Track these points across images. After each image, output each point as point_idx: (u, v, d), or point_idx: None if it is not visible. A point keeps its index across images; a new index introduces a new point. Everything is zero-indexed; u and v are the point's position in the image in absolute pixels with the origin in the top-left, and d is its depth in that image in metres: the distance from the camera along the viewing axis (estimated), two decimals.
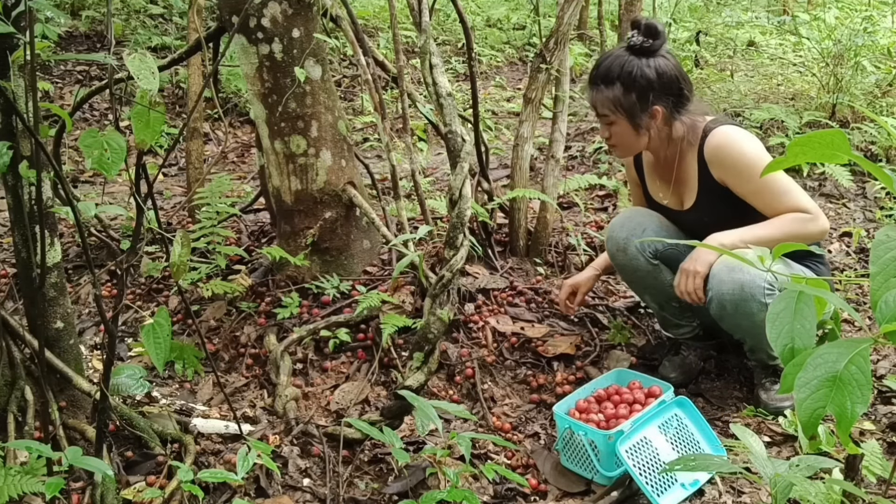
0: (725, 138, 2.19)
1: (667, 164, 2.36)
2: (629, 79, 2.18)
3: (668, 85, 2.20)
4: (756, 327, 2.16)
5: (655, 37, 2.19)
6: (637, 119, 2.22)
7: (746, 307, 2.09)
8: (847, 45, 4.67)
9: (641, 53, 2.19)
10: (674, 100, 2.22)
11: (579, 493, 2.06)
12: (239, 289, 2.74)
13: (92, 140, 1.47)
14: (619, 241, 2.36)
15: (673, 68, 2.21)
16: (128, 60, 1.43)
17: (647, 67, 2.18)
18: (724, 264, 2.12)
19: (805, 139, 0.96)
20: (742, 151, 2.16)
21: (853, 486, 1.36)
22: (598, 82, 2.24)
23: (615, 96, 2.21)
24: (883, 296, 0.93)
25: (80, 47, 5.54)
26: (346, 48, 5.68)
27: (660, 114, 2.22)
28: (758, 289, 2.08)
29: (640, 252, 2.33)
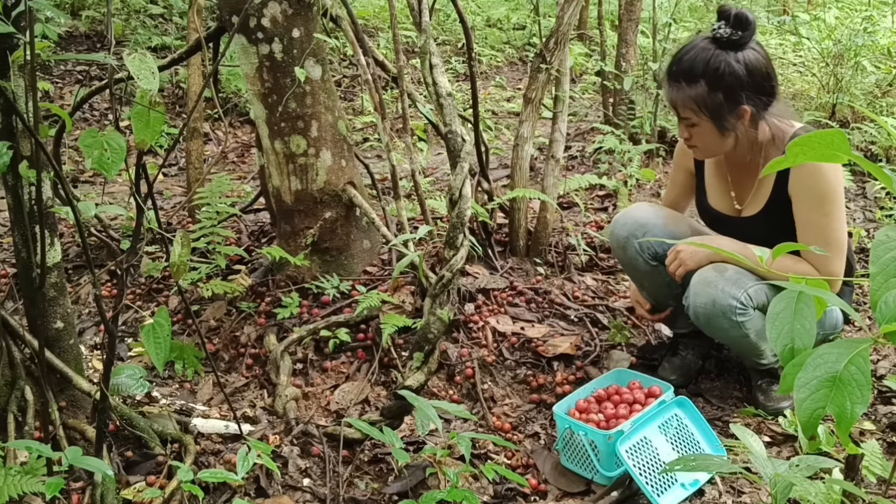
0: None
1: (744, 167, 2.18)
2: (716, 75, 1.97)
3: (759, 82, 2.00)
4: (732, 341, 2.19)
5: (745, 28, 1.98)
6: (723, 120, 2.02)
7: (717, 322, 2.10)
8: (847, 45, 4.67)
9: (729, 46, 1.98)
10: (764, 98, 2.02)
11: (579, 493, 2.06)
12: (239, 289, 2.74)
13: (92, 140, 1.47)
14: (620, 239, 2.35)
15: (764, 62, 2.00)
16: (128, 60, 1.43)
17: (735, 63, 1.97)
18: (702, 277, 2.10)
19: (805, 139, 0.96)
20: (826, 177, 1.99)
21: (853, 486, 1.36)
22: (679, 79, 2.03)
23: (699, 95, 2.00)
24: (883, 296, 0.93)
25: (80, 47, 5.54)
26: (346, 48, 5.68)
27: (748, 114, 2.02)
28: (728, 308, 2.05)
29: (639, 253, 2.33)
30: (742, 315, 2.07)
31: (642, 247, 2.32)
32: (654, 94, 4.46)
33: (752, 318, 2.09)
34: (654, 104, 4.48)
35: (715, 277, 2.09)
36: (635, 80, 4.56)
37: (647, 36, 5.49)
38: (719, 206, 2.28)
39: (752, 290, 2.08)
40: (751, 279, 2.09)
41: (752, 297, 2.07)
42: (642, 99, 4.61)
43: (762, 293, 2.10)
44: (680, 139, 2.27)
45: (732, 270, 2.09)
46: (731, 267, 2.10)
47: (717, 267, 2.11)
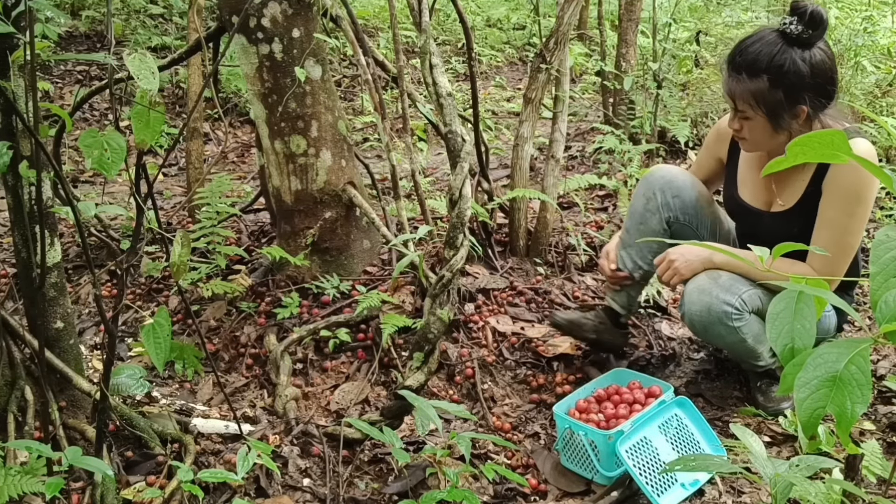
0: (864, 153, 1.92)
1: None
2: (779, 73, 1.91)
3: (821, 84, 1.94)
4: (730, 346, 2.18)
5: (818, 27, 1.91)
6: (779, 118, 1.97)
7: (714, 329, 2.10)
8: (847, 45, 4.67)
9: (797, 44, 1.92)
10: (823, 100, 1.98)
11: (579, 493, 2.06)
12: (239, 289, 2.74)
13: (92, 140, 1.47)
14: (651, 191, 2.27)
15: (830, 64, 1.94)
16: (128, 60, 1.43)
17: (801, 61, 1.91)
18: (696, 284, 2.09)
19: (805, 139, 0.96)
20: (863, 180, 1.95)
21: (853, 486, 1.36)
22: (740, 70, 1.96)
23: (759, 90, 1.94)
24: (883, 296, 0.93)
25: (80, 47, 5.54)
26: (346, 48, 5.68)
27: (804, 114, 1.97)
28: (724, 314, 2.06)
29: (659, 211, 2.26)
30: (738, 320, 2.08)
31: (664, 207, 2.25)
32: (654, 94, 4.46)
33: (748, 322, 2.10)
34: (654, 104, 4.48)
35: (709, 284, 2.08)
36: (635, 80, 4.56)
37: (647, 36, 5.49)
38: (750, 200, 2.23)
39: (745, 296, 2.08)
40: (745, 284, 2.09)
41: (746, 303, 2.08)
42: (642, 99, 4.61)
43: (756, 298, 2.10)
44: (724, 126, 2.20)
45: (726, 277, 2.10)
46: (724, 273, 2.10)
47: (710, 274, 2.11)
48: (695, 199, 2.29)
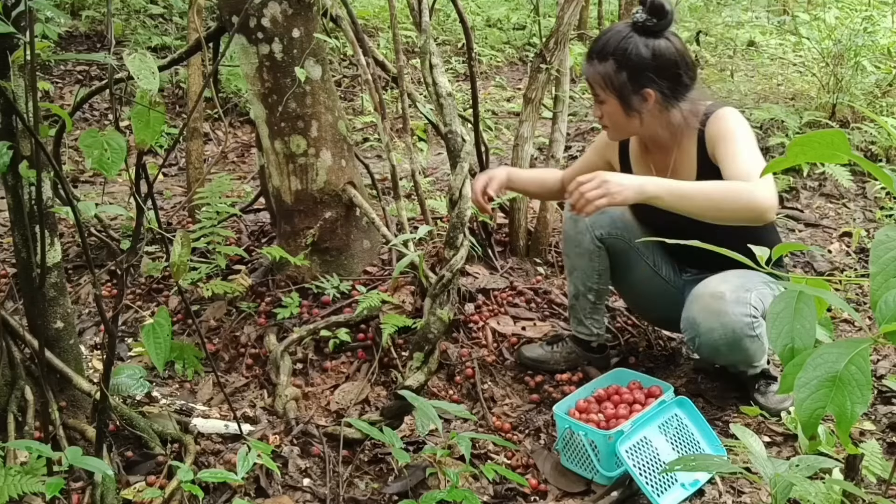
0: (723, 112, 2.10)
1: (662, 149, 2.23)
2: (623, 56, 2.06)
3: (664, 68, 2.07)
4: (750, 358, 2.17)
5: (661, 16, 2.06)
6: (627, 100, 2.10)
7: (739, 345, 2.09)
8: (847, 45, 4.67)
9: (644, 32, 2.07)
10: (669, 85, 2.09)
11: (579, 493, 2.06)
12: (239, 289, 2.74)
13: (92, 140, 1.47)
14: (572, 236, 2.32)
15: (674, 52, 2.08)
16: (128, 60, 1.43)
17: (644, 47, 2.06)
18: (711, 310, 2.06)
19: (805, 139, 0.96)
20: (735, 123, 2.08)
21: (853, 486, 1.36)
22: (592, 56, 2.13)
23: (606, 73, 2.09)
24: (883, 296, 0.93)
25: (80, 47, 5.54)
26: (346, 48, 5.68)
27: (652, 98, 2.10)
28: (746, 327, 2.06)
29: (590, 231, 2.28)
30: (758, 327, 2.08)
31: (593, 226, 2.28)
32: None
33: (763, 325, 2.09)
34: None
35: (717, 304, 2.05)
36: None
37: None
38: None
39: (754, 300, 2.08)
40: (743, 290, 2.07)
41: (757, 307, 2.08)
42: None
43: (759, 300, 2.10)
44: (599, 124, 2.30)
45: (727, 290, 2.07)
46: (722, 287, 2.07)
47: (711, 293, 2.07)
48: (620, 212, 2.31)
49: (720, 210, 1.92)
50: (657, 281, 2.38)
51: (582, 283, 2.38)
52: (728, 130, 2.07)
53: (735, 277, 2.12)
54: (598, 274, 2.34)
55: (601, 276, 2.35)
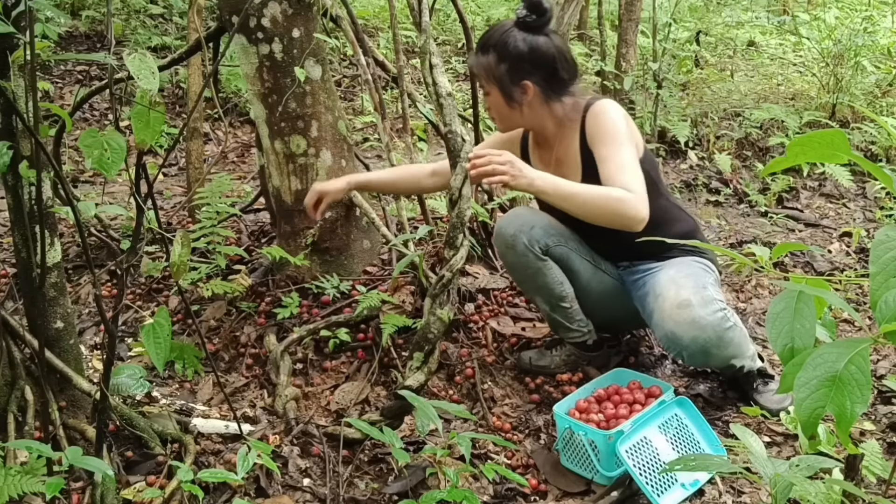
0: (601, 106, 2.19)
1: (545, 143, 2.34)
2: (503, 49, 2.17)
3: (542, 62, 2.18)
4: (738, 349, 2.18)
5: (539, 13, 2.17)
6: (508, 91, 2.20)
7: (724, 340, 2.11)
8: (847, 45, 4.68)
9: (525, 28, 2.17)
10: (547, 78, 2.20)
11: (579, 493, 2.06)
12: (239, 289, 2.73)
13: (92, 140, 1.47)
14: (507, 237, 2.30)
15: (551, 48, 2.18)
16: (128, 60, 1.43)
17: (522, 41, 2.16)
18: (684, 322, 2.08)
19: (805, 139, 0.96)
20: (613, 118, 2.17)
21: (853, 486, 1.36)
22: (478, 49, 2.24)
23: (488, 64, 2.20)
24: (883, 296, 0.93)
25: (80, 47, 5.54)
26: (346, 48, 5.68)
27: (530, 90, 2.19)
28: (722, 321, 2.10)
29: (529, 249, 2.28)
30: (731, 316, 2.13)
31: (531, 242, 2.28)
32: (654, 94, 4.46)
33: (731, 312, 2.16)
34: (654, 104, 4.48)
35: (690, 313, 2.08)
36: (635, 80, 4.56)
37: (647, 36, 5.49)
38: None
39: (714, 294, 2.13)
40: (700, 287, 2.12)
41: (719, 299, 2.13)
42: (642, 99, 4.62)
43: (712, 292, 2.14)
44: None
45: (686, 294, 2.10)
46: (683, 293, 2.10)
47: (679, 304, 2.10)
48: (547, 220, 2.33)
49: (595, 216, 2.06)
50: (601, 276, 2.40)
51: (550, 298, 2.36)
52: (606, 128, 2.16)
53: (682, 278, 2.16)
54: (559, 283, 2.33)
55: (563, 283, 2.34)
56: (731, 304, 3.03)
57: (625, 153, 2.12)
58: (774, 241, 3.67)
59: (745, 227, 3.87)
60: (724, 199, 4.20)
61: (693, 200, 4.19)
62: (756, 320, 2.91)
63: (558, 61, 2.20)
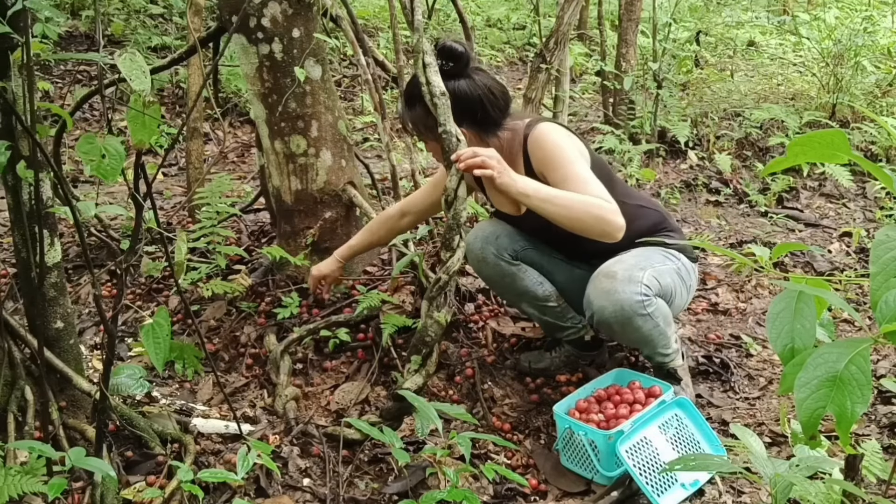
0: (540, 133, 2.16)
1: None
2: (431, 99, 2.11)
3: (468, 106, 2.13)
4: (646, 338, 2.18)
5: (455, 59, 2.13)
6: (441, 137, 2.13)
7: (632, 324, 2.10)
8: (847, 45, 4.68)
9: (446, 76, 2.12)
10: (478, 120, 2.16)
11: (579, 493, 2.06)
12: (239, 289, 2.74)
13: (90, 146, 1.47)
14: (476, 252, 2.31)
15: (476, 90, 2.14)
16: (119, 61, 1.42)
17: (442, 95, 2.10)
18: (601, 289, 2.09)
19: (805, 139, 0.96)
20: (555, 141, 2.15)
21: (853, 486, 1.36)
22: (404, 103, 2.22)
23: (417, 117, 2.18)
24: (883, 296, 0.93)
25: (80, 47, 5.54)
26: (346, 48, 5.68)
27: (466, 135, 2.15)
28: (637, 305, 2.08)
29: (499, 257, 2.29)
30: (649, 306, 2.10)
31: (499, 251, 2.29)
32: (654, 94, 4.46)
33: (657, 305, 2.13)
34: (654, 104, 4.48)
35: (610, 284, 2.09)
36: (635, 80, 4.56)
37: (647, 36, 5.49)
38: (508, 210, 2.35)
39: (646, 280, 2.11)
40: (638, 270, 2.12)
41: (650, 286, 2.11)
42: (642, 99, 4.62)
43: (653, 279, 2.14)
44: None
45: (620, 270, 2.11)
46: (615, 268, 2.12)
47: (605, 274, 2.12)
48: (510, 228, 2.34)
49: (575, 219, 2.03)
50: (577, 272, 2.39)
51: (535, 301, 2.36)
52: (551, 153, 2.14)
53: (632, 258, 2.17)
54: (538, 283, 2.34)
55: (542, 283, 2.35)
56: (731, 303, 3.03)
57: (579, 169, 2.10)
58: (774, 241, 3.67)
59: (745, 227, 3.87)
60: (724, 199, 4.21)
61: (693, 200, 4.19)
62: (756, 320, 2.91)
63: (486, 101, 2.15)
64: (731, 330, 2.84)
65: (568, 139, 2.18)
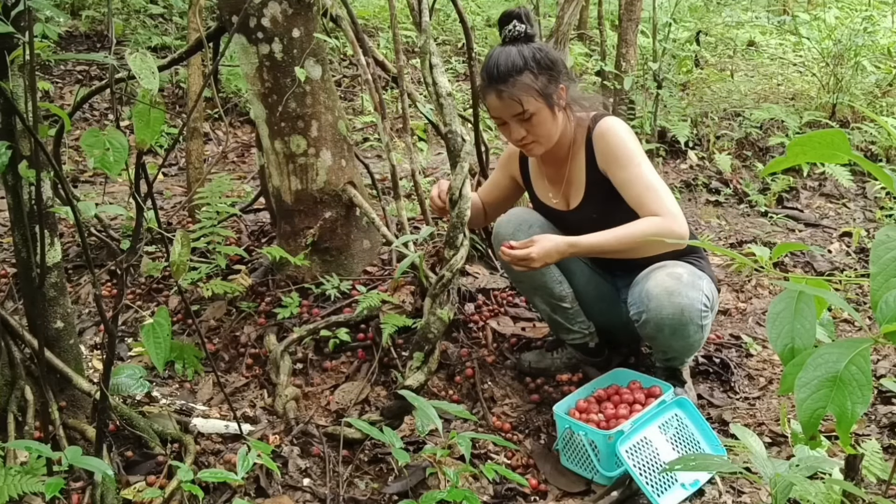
0: (610, 126, 2.16)
1: (556, 162, 2.29)
2: (534, 61, 2.12)
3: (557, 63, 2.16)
4: (689, 347, 2.18)
5: (530, 22, 2.16)
6: (551, 100, 2.15)
7: (684, 331, 2.09)
8: (847, 45, 4.68)
9: (523, 41, 2.13)
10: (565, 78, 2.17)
11: (579, 493, 2.06)
12: (239, 289, 2.73)
13: (94, 140, 1.47)
14: (506, 236, 2.29)
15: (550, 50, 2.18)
16: (129, 59, 1.43)
17: (539, 50, 2.13)
18: (664, 288, 2.07)
19: (805, 139, 0.96)
20: (623, 138, 2.14)
21: (853, 486, 1.36)
22: (506, 79, 2.11)
23: (529, 84, 2.10)
24: (883, 296, 0.93)
25: (80, 47, 5.54)
26: (346, 48, 5.68)
27: (565, 91, 2.17)
28: (696, 312, 2.06)
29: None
30: (706, 318, 2.10)
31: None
32: (654, 94, 4.46)
33: (711, 318, 2.14)
34: (654, 104, 4.48)
35: (675, 285, 2.06)
36: (635, 80, 4.56)
37: (647, 36, 5.49)
38: (553, 204, 2.35)
39: (707, 291, 2.11)
40: (700, 278, 2.11)
41: (710, 298, 2.10)
42: (642, 99, 4.62)
43: (712, 291, 2.14)
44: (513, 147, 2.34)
45: (685, 274, 2.09)
46: (679, 270, 2.10)
47: (669, 273, 2.09)
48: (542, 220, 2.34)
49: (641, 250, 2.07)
50: (598, 279, 2.40)
51: (549, 297, 2.36)
52: (618, 149, 2.14)
53: (678, 267, 2.14)
54: (558, 282, 2.34)
55: (562, 283, 2.35)
56: (731, 303, 3.03)
57: (645, 171, 2.10)
58: (774, 241, 3.67)
59: (745, 227, 3.87)
60: (724, 199, 4.21)
61: (693, 200, 4.19)
62: (756, 320, 2.91)
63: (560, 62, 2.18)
64: (731, 330, 2.84)
65: (632, 137, 2.17)
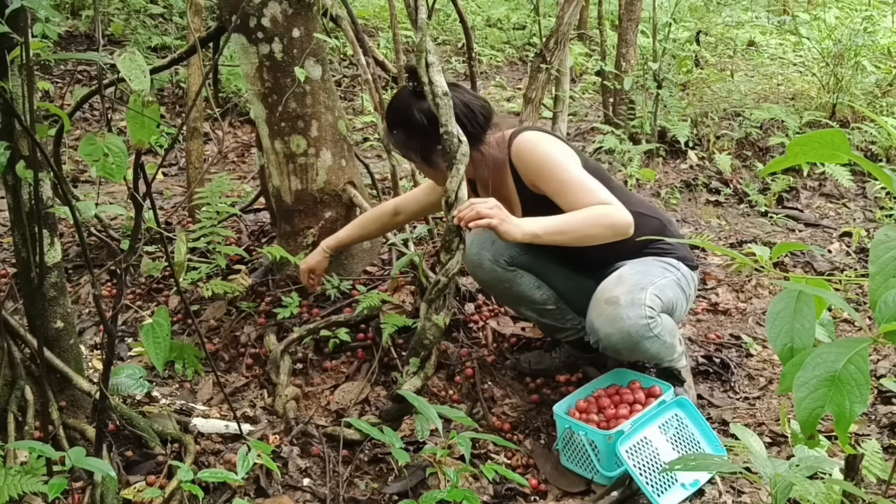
0: (525, 142, 2.15)
1: (487, 187, 2.29)
2: (408, 125, 2.16)
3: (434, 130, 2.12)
4: (655, 355, 2.17)
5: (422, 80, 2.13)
6: (428, 160, 2.19)
7: (639, 347, 2.08)
8: (847, 44, 4.68)
9: (420, 96, 2.13)
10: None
11: (579, 493, 2.06)
12: (239, 289, 2.74)
13: (92, 148, 1.46)
14: (473, 258, 2.29)
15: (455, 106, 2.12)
16: (118, 61, 1.42)
17: (419, 113, 2.13)
18: (606, 317, 2.05)
19: (805, 139, 0.96)
20: (542, 151, 2.13)
21: (853, 486, 1.36)
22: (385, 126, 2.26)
23: (399, 142, 2.22)
24: (882, 296, 0.93)
25: (80, 47, 5.54)
26: (346, 48, 5.68)
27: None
28: (642, 329, 2.04)
29: (495, 263, 2.27)
30: (655, 327, 2.06)
31: (496, 256, 2.27)
32: (654, 94, 4.46)
33: (662, 322, 2.10)
34: (654, 104, 4.48)
35: (613, 310, 2.05)
36: (635, 80, 4.56)
37: (647, 36, 5.49)
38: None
39: (648, 300, 2.06)
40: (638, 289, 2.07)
41: (653, 307, 2.07)
42: (642, 99, 4.62)
43: (654, 296, 2.09)
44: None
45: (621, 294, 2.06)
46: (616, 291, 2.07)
47: (606, 300, 2.07)
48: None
49: (590, 238, 2.02)
50: (577, 277, 2.37)
51: (532, 305, 2.36)
52: (539, 162, 2.12)
53: (632, 275, 2.12)
54: (535, 287, 2.33)
55: (540, 287, 2.33)
56: (731, 303, 3.03)
57: (572, 173, 2.08)
58: (774, 241, 3.67)
59: (745, 227, 3.87)
60: (724, 199, 4.21)
61: (693, 200, 4.19)
62: (756, 320, 2.91)
63: (462, 118, 2.13)
64: (731, 330, 2.84)
65: (552, 143, 2.16)
